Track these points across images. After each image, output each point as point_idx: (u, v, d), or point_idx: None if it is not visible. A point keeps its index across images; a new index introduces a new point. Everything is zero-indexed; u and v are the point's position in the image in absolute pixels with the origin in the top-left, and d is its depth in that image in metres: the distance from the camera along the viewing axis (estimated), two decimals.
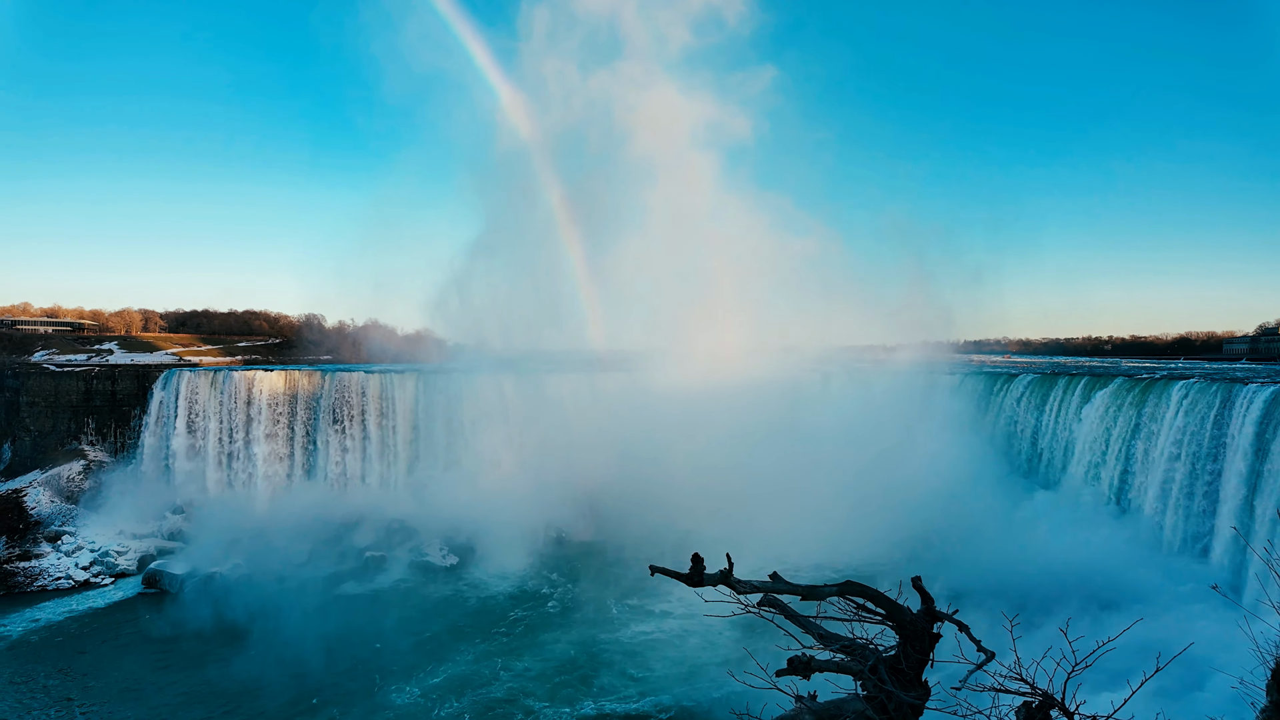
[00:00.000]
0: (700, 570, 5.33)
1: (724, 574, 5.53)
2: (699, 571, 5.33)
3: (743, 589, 5.51)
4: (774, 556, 59.34)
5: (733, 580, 5.45)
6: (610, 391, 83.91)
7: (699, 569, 5.34)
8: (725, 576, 5.49)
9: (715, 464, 69.61)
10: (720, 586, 5.42)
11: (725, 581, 5.47)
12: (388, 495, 75.72)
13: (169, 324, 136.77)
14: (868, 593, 5.70)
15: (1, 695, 43.47)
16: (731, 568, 5.52)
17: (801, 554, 59.17)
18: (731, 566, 5.53)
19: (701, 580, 5.35)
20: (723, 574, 5.53)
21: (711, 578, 5.46)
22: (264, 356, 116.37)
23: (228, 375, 79.67)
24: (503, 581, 61.26)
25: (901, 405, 74.87)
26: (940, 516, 58.90)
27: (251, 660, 45.53)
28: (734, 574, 5.43)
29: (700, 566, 5.36)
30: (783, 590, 5.67)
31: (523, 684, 43.39)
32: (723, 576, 5.50)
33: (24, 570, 63.90)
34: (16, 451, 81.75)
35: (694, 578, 5.31)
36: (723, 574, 5.53)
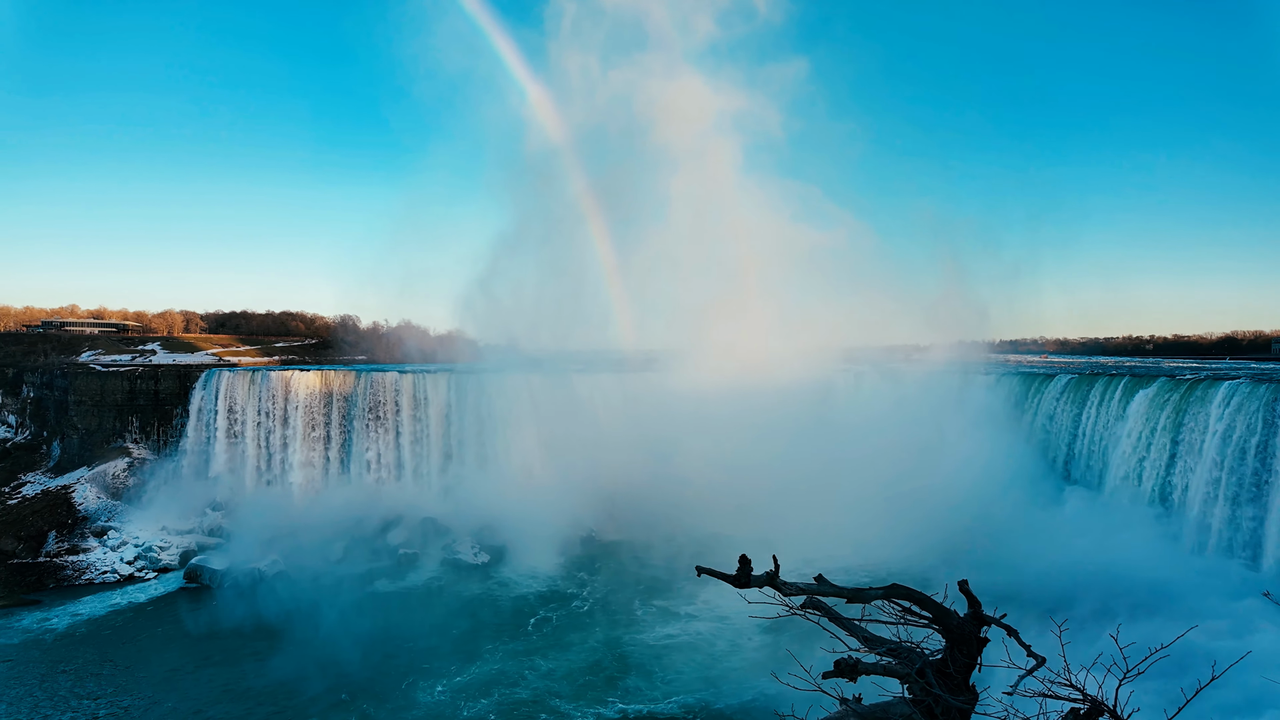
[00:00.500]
0: (747, 572, 5.34)
1: (770, 575, 5.53)
2: (746, 573, 5.34)
3: (788, 591, 5.51)
4: (803, 559, 58.91)
5: (779, 582, 5.45)
6: (639, 391, 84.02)
7: (746, 570, 5.35)
8: (771, 578, 5.50)
9: (744, 464, 69.33)
10: (765, 588, 5.42)
11: (771, 583, 5.48)
12: (421, 494, 76.65)
13: (209, 325, 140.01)
14: (914, 596, 5.66)
15: (51, 683, 44.88)
16: (778, 569, 5.52)
17: (830, 557, 58.52)
18: (778, 568, 5.53)
19: (749, 581, 5.36)
20: (769, 575, 5.53)
21: (758, 579, 5.46)
22: (300, 357, 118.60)
23: (265, 375, 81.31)
24: (532, 580, 61.63)
25: (935, 405, 73.89)
26: (975, 518, 58.02)
27: (287, 656, 46.40)
28: (779, 576, 5.43)
29: (748, 568, 5.37)
30: (828, 593, 5.66)
31: (549, 684, 43.58)
32: (769, 578, 5.50)
33: (72, 564, 65.93)
34: (65, 449, 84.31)
35: (741, 579, 5.32)
36: (769, 575, 5.53)
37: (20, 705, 42.12)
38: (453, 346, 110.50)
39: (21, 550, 66.92)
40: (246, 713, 41.02)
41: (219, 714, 40.79)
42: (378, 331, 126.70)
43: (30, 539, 68.23)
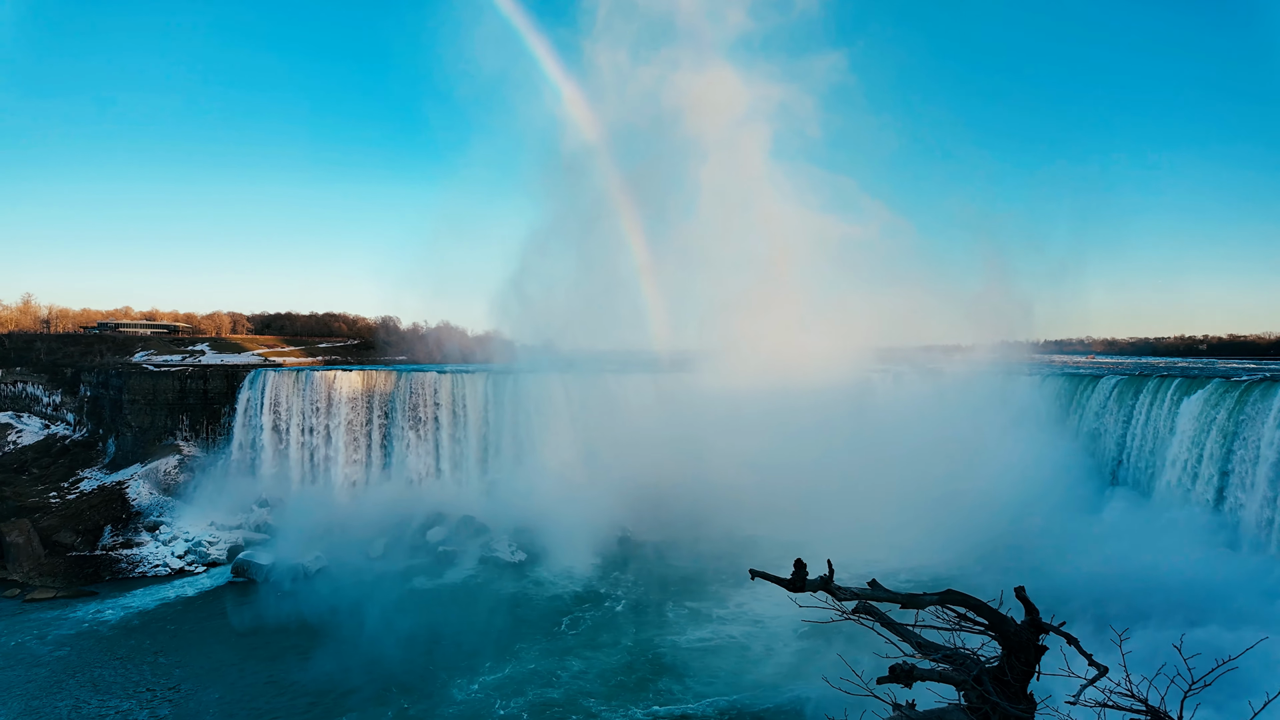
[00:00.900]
0: (803, 575, 5.32)
1: (824, 580, 5.50)
2: (801, 576, 5.32)
3: (842, 595, 5.47)
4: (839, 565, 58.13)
5: (833, 586, 5.42)
6: (673, 391, 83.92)
7: (801, 574, 5.33)
8: (825, 583, 5.47)
9: (780, 465, 68.78)
10: (819, 592, 5.39)
11: (825, 588, 5.45)
12: (459, 492, 77.61)
13: (255, 326, 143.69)
14: (970, 602, 5.57)
15: (105, 673, 46.45)
16: (832, 574, 5.49)
17: (868, 561, 57.89)
18: (832, 573, 5.50)
19: (803, 585, 5.34)
20: (823, 580, 5.50)
21: (813, 583, 5.44)
22: (343, 357, 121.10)
23: (309, 375, 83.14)
24: (567, 580, 61.91)
25: (976, 406, 72.49)
26: (1018, 522, 56.84)
27: (329, 651, 47.34)
28: (834, 580, 5.40)
29: (803, 571, 5.35)
30: (881, 598, 5.61)
31: (582, 685, 43.70)
32: (823, 582, 5.47)
33: (127, 557, 68.21)
34: (120, 446, 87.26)
35: (796, 583, 5.30)
36: (823, 580, 5.50)
37: (76, 693, 43.68)
38: (490, 347, 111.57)
39: (80, 543, 69.43)
40: (289, 705, 41.98)
41: (264, 706, 41.80)
42: (417, 332, 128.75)
43: (88, 532, 70.75)
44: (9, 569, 64.27)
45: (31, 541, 66.56)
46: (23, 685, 44.51)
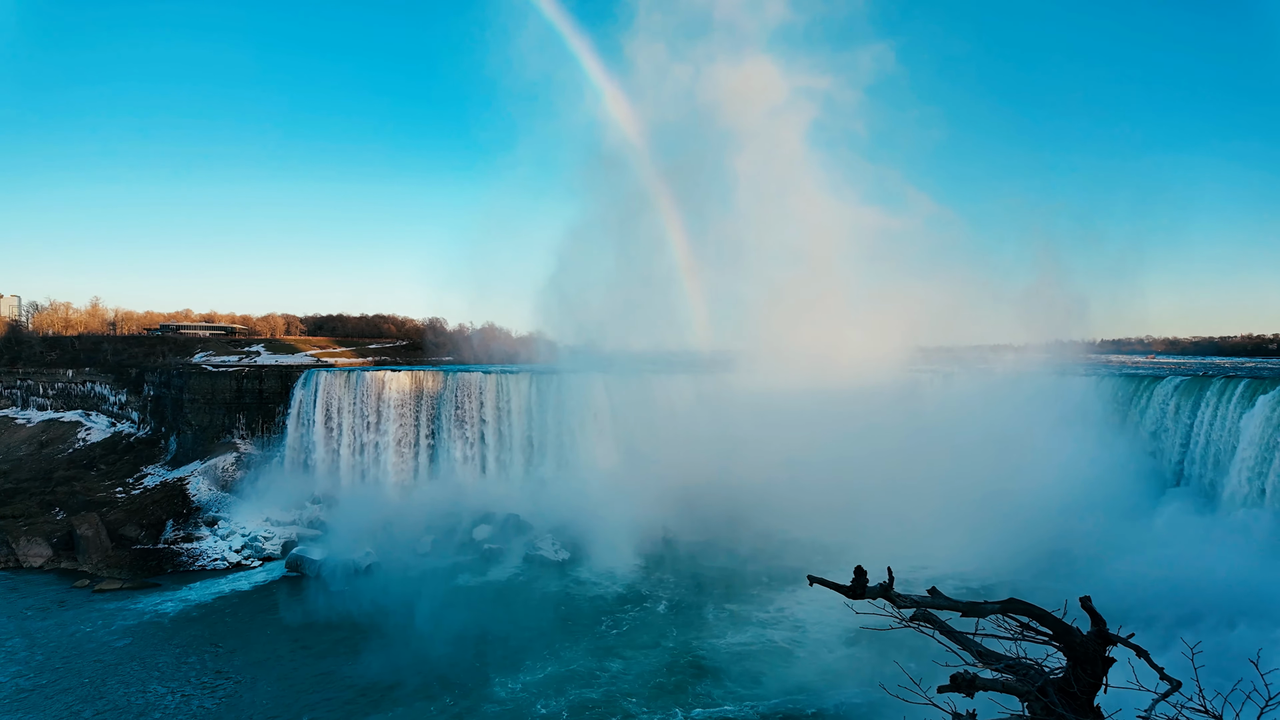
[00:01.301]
0: (863, 583, 5.28)
1: (884, 587, 5.45)
2: (861, 584, 5.28)
3: (902, 603, 5.41)
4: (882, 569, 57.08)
5: (893, 594, 5.36)
6: (715, 390, 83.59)
7: (861, 581, 5.30)
8: (885, 590, 5.41)
9: (823, 467, 67.95)
10: (879, 600, 5.34)
11: (885, 595, 5.39)
12: (505, 491, 78.49)
13: (308, 327, 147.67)
14: (1033, 611, 5.45)
15: (165, 662, 48.22)
16: (892, 581, 5.43)
17: (913, 568, 56.77)
18: (892, 580, 5.45)
19: (863, 593, 5.30)
20: (882, 587, 5.45)
21: (873, 590, 5.40)
22: (392, 357, 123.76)
23: (360, 375, 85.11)
24: (609, 580, 62.10)
25: (1029, 409, 70.53)
26: (1073, 528, 55.16)
27: (377, 646, 48.38)
28: (894, 588, 5.35)
29: (863, 579, 5.31)
30: (942, 606, 5.52)
31: (621, 686, 43.69)
32: (882, 590, 5.42)
33: (187, 551, 70.76)
34: (180, 444, 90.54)
35: (855, 590, 5.27)
36: (882, 587, 5.45)
37: (137, 680, 45.42)
38: (533, 347, 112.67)
39: (143, 537, 72.27)
40: (338, 699, 42.97)
41: (314, 699, 42.89)
42: (463, 333, 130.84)
43: (151, 526, 73.59)
44: (79, 560, 67.24)
45: (100, 534, 69.50)
46: (90, 671, 46.49)
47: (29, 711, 41.33)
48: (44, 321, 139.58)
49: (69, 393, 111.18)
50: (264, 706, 42.12)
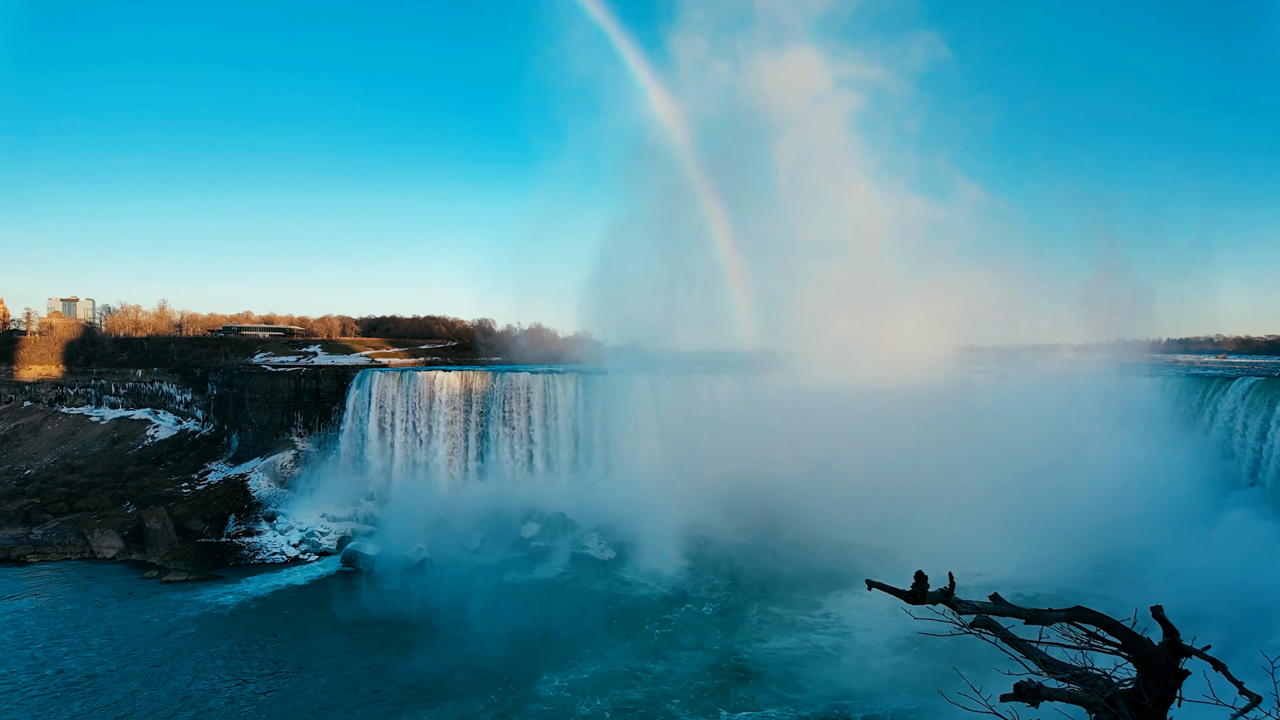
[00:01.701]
0: (923, 588, 5.19)
1: (944, 593, 5.35)
2: (922, 589, 5.19)
3: (963, 609, 5.30)
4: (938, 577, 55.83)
5: (954, 600, 5.26)
6: (763, 392, 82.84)
7: (922, 586, 5.21)
8: (946, 595, 5.31)
9: (873, 469, 66.79)
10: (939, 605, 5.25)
11: (946, 601, 5.29)
12: (551, 489, 79.25)
13: (363, 328, 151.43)
14: (1101, 620, 5.28)
15: (226, 652, 49.97)
16: (953, 587, 5.33)
17: (963, 574, 55.02)
18: (953, 586, 5.35)
19: (924, 598, 5.21)
20: (943, 593, 5.35)
21: (933, 596, 5.30)
22: (443, 358, 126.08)
23: (412, 375, 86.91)
24: (654, 580, 62.03)
25: (1090, 410, 68.18)
26: (1133, 534, 53.09)
27: (427, 641, 49.47)
28: (954, 593, 5.25)
29: (924, 584, 5.22)
30: (1005, 613, 5.39)
31: (664, 688, 43.53)
32: (943, 595, 5.32)
33: (248, 545, 73.26)
34: (242, 441, 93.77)
35: (916, 595, 5.18)
36: (943, 593, 5.35)
37: (198, 670, 47.14)
38: (580, 348, 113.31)
39: (208, 531, 75.10)
40: (389, 691, 43.89)
41: (366, 692, 43.87)
42: (511, 334, 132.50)
43: (214, 521, 76.42)
44: (148, 552, 70.20)
45: (167, 528, 72.45)
46: (156, 658, 48.47)
47: (99, 695, 43.33)
48: (116, 324, 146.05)
49: (139, 392, 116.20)
50: (318, 698, 43.34)
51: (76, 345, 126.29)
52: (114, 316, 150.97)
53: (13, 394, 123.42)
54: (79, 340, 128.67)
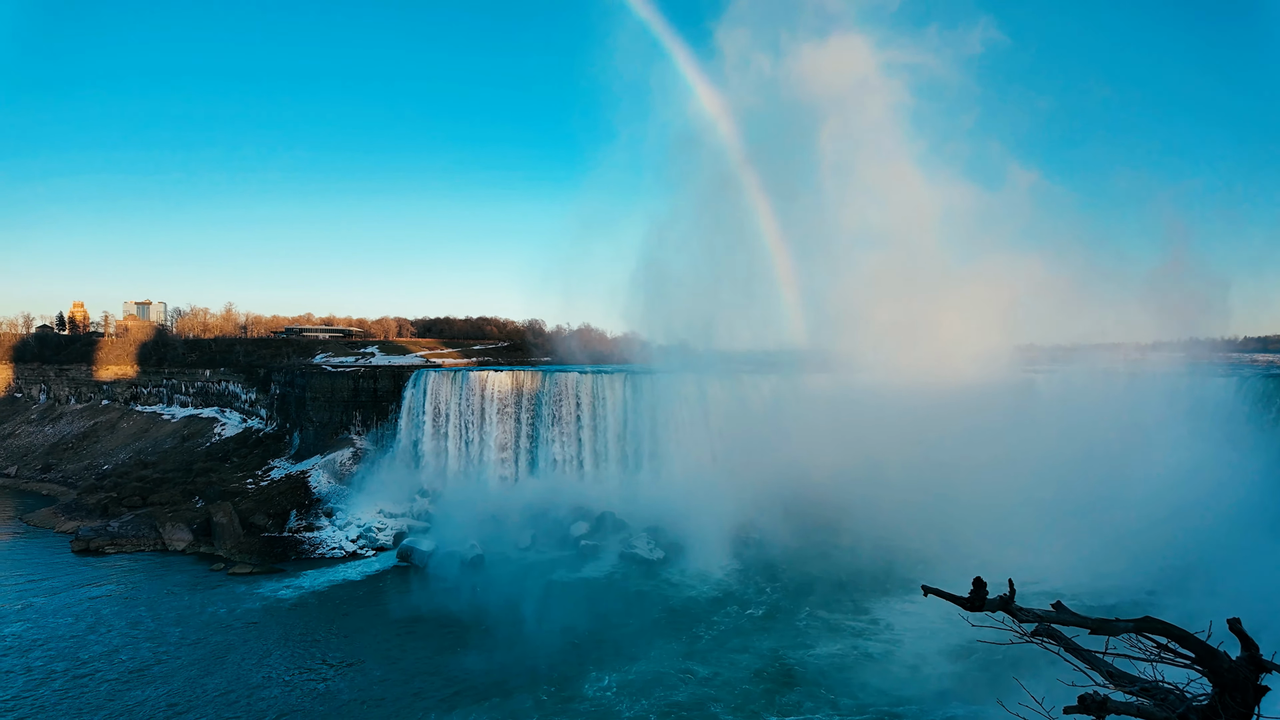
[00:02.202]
0: (982, 595, 5.05)
1: (1004, 600, 5.18)
2: (981, 595, 5.04)
3: (1023, 617, 5.12)
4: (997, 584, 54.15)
5: (1014, 607, 5.09)
6: (815, 392, 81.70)
7: (980, 593, 5.06)
8: (1005, 603, 5.14)
9: (929, 473, 65.28)
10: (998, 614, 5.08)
11: (1005, 608, 5.12)
12: (600, 488, 79.68)
13: (418, 329, 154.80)
14: (1172, 632, 5.03)
15: (286, 642, 51.66)
16: (1013, 594, 5.17)
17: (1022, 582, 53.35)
18: (1013, 593, 5.18)
19: (982, 605, 5.06)
20: (1002, 599, 5.18)
21: (992, 603, 5.14)
22: (495, 358, 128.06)
23: (465, 375, 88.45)
24: (702, 581, 61.66)
25: (1158, 412, 65.40)
26: (1210, 543, 50.70)
27: (478, 638, 50.39)
28: (1014, 601, 5.08)
29: (982, 590, 5.08)
30: (1068, 621, 5.19)
31: (709, 691, 43.18)
32: (1002, 603, 5.15)
33: (308, 539, 75.58)
34: (303, 439, 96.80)
35: (974, 602, 5.03)
36: (1002, 599, 5.18)
37: (258, 660, 48.80)
38: (628, 348, 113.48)
39: (270, 525, 77.74)
40: (440, 685, 44.69)
41: (419, 686, 44.68)
42: (560, 334, 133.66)
43: (277, 516, 79.06)
44: (215, 545, 73.05)
45: (233, 522, 75.27)
46: (220, 648, 50.38)
47: (167, 681, 45.27)
48: (185, 325, 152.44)
49: (207, 391, 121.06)
50: (371, 690, 44.45)
51: (149, 346, 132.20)
52: (184, 319, 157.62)
53: (92, 393, 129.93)
54: (152, 342, 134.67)
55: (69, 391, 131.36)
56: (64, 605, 57.83)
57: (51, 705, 42.39)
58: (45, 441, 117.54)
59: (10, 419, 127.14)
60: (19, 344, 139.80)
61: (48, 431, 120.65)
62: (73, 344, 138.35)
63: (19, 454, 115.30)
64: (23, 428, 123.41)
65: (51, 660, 47.99)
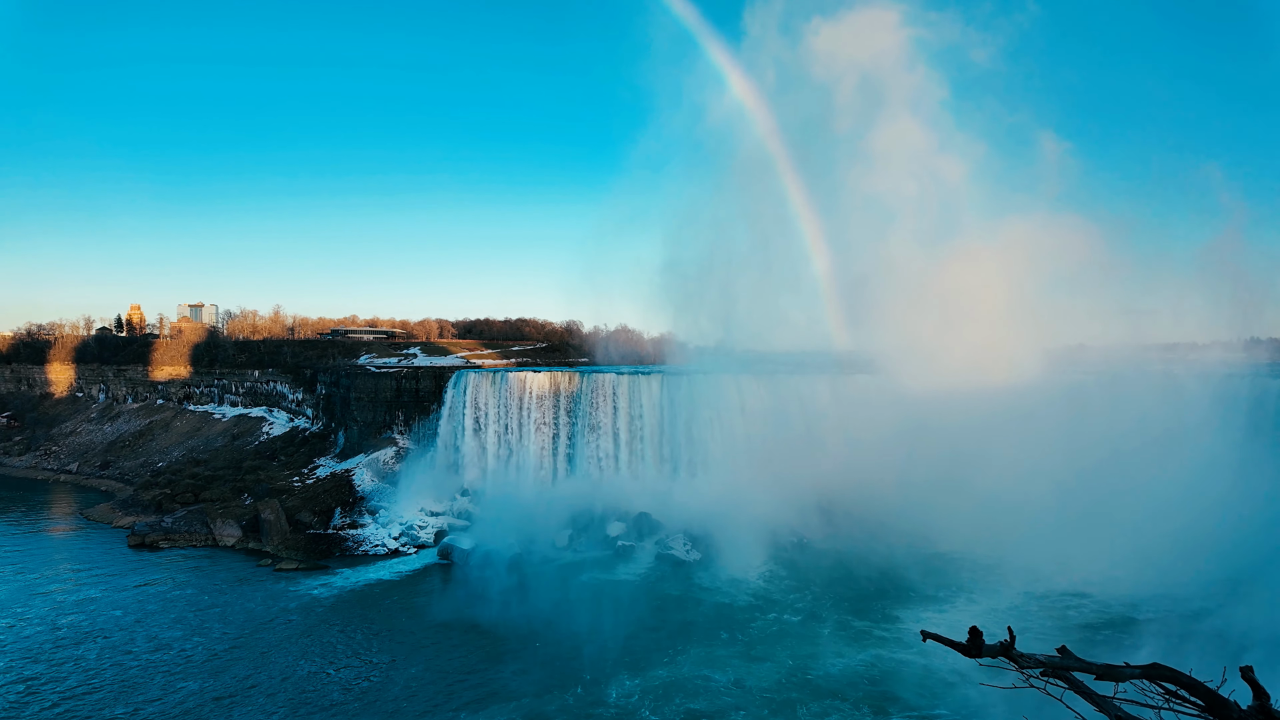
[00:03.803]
0: (979, 642, 5.03)
1: (1004, 645, 5.16)
2: (978, 643, 5.03)
3: (1025, 663, 5.09)
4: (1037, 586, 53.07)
5: (1014, 653, 5.06)
6: (854, 394, 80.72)
7: (977, 640, 5.05)
8: (1005, 649, 5.12)
9: (970, 475, 64.07)
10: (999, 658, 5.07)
11: (1005, 654, 5.10)
12: (636, 489, 79.85)
13: (458, 331, 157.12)
14: (1180, 679, 4.95)
15: (330, 637, 53.01)
16: (1013, 640, 5.14)
17: (1069, 591, 52.45)
18: (1013, 639, 5.16)
19: (980, 651, 5.05)
20: (1002, 645, 5.16)
21: (990, 649, 5.12)
22: (533, 359, 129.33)
23: (504, 376, 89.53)
24: (736, 585, 60.94)
25: (1211, 415, 63.22)
26: (1262, 550, 48.83)
27: (514, 635, 51.08)
28: (1015, 646, 5.06)
29: (979, 639, 5.06)
30: (1072, 667, 5.13)
31: (731, 698, 42.68)
32: (1003, 649, 5.13)
33: (352, 537, 77.31)
34: (347, 438, 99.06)
35: (972, 649, 5.03)
36: (1002, 645, 5.16)
37: (304, 654, 50.15)
38: (666, 348, 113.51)
39: (316, 523, 79.75)
40: (475, 682, 45.59)
41: (454, 683, 45.39)
42: (598, 335, 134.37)
43: (322, 513, 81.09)
44: (263, 541, 75.22)
45: (279, 519, 77.41)
46: (266, 642, 51.92)
47: (215, 674, 46.83)
48: (235, 327, 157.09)
49: (255, 391, 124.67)
50: (408, 685, 45.42)
51: (202, 348, 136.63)
52: (234, 321, 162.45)
53: (148, 393, 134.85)
54: (204, 343, 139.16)
55: (126, 391, 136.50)
56: (119, 598, 60.23)
57: (106, 695, 44.22)
58: (104, 439, 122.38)
59: (72, 417, 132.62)
60: (80, 345, 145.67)
61: (106, 430, 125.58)
62: (130, 345, 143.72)
63: (80, 451, 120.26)
64: (83, 426, 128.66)
65: (105, 651, 50.08)
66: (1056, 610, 50.91)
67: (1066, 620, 49.16)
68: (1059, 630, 47.41)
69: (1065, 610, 50.80)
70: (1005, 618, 50.15)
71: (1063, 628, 47.91)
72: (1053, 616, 49.95)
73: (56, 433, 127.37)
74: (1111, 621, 48.66)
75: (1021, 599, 52.75)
